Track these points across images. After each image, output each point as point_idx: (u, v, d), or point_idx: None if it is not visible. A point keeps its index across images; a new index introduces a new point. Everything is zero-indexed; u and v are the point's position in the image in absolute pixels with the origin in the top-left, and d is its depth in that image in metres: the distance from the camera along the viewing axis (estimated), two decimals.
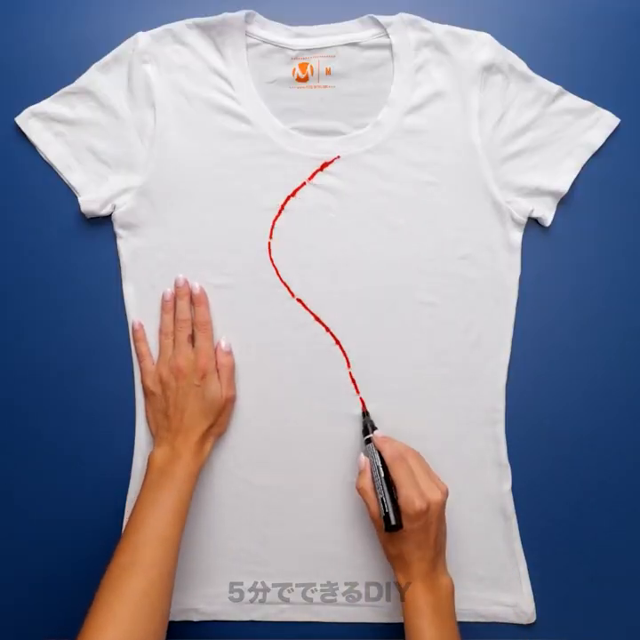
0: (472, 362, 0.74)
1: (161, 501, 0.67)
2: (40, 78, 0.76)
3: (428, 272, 0.74)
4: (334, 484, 0.74)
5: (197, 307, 0.74)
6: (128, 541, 0.65)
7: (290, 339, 0.75)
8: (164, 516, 0.66)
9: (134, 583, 0.62)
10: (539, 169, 0.75)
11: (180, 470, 0.69)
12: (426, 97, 0.74)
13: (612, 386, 0.76)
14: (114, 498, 0.75)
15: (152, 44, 0.74)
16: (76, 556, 0.75)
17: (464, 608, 0.74)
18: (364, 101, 0.75)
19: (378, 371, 0.74)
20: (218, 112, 0.74)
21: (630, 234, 0.77)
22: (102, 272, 0.76)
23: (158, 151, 0.74)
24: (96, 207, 0.74)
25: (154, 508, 0.66)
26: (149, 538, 0.65)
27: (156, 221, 0.75)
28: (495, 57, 0.74)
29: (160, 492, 0.67)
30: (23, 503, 0.76)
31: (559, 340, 0.76)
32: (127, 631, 0.60)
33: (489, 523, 0.74)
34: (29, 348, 0.76)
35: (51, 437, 0.76)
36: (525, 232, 0.75)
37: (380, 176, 0.74)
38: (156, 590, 0.63)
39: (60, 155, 0.75)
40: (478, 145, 0.74)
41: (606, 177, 0.76)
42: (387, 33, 0.74)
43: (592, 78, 0.76)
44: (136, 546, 0.64)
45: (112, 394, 0.75)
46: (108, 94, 0.75)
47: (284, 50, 0.75)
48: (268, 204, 0.75)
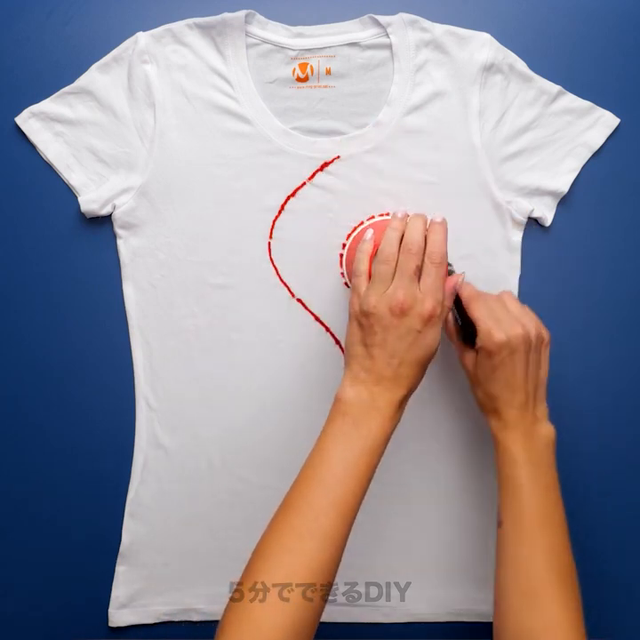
0: None
1: (350, 458, 0.58)
2: (40, 78, 0.75)
3: None
4: None
5: (433, 235, 0.63)
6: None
7: (290, 339, 0.75)
8: (351, 477, 0.57)
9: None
10: (539, 169, 0.75)
11: (376, 428, 0.59)
12: (426, 97, 0.74)
13: (613, 385, 0.76)
14: (114, 496, 0.75)
15: (152, 43, 0.74)
16: (76, 556, 0.75)
17: (464, 608, 0.74)
18: (364, 101, 0.75)
19: None
20: (218, 112, 0.74)
21: (630, 234, 0.77)
22: (102, 272, 0.76)
23: (158, 151, 0.74)
24: (96, 207, 0.74)
25: (341, 464, 0.57)
26: (325, 505, 0.57)
27: (155, 221, 0.75)
28: (495, 57, 0.74)
29: (349, 446, 0.58)
30: (23, 502, 0.76)
31: (559, 339, 0.76)
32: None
33: (489, 523, 0.74)
34: (29, 347, 0.76)
35: (51, 436, 0.76)
36: (525, 232, 0.75)
37: (380, 176, 0.74)
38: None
39: (60, 154, 0.75)
40: (478, 145, 0.74)
41: (606, 177, 0.76)
42: (387, 33, 0.74)
43: (592, 78, 0.76)
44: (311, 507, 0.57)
45: (112, 393, 0.75)
46: (107, 94, 0.74)
47: (283, 50, 0.75)
48: (268, 204, 0.75)
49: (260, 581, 0.55)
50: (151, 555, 0.74)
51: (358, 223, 0.74)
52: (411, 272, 0.61)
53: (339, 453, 0.58)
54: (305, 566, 0.56)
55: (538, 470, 0.62)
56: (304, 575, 0.56)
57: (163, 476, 0.75)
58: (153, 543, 0.75)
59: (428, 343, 0.62)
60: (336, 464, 0.58)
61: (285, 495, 0.59)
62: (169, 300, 0.75)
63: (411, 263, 0.61)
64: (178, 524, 0.75)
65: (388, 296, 0.61)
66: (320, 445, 0.60)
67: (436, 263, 0.62)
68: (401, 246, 0.63)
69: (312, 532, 0.57)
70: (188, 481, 0.75)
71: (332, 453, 0.58)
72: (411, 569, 0.75)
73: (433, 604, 0.75)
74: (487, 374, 0.64)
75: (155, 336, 0.75)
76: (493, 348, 0.63)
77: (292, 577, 0.55)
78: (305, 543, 0.56)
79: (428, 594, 0.75)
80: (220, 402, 0.75)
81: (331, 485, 0.57)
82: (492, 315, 0.64)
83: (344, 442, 0.59)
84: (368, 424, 0.59)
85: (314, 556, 0.56)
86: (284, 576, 0.55)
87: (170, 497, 0.75)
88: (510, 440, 0.63)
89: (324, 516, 0.57)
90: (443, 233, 0.63)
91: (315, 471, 0.59)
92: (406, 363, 0.61)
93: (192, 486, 0.75)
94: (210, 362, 0.75)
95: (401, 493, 0.75)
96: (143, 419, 0.75)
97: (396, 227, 0.64)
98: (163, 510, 0.75)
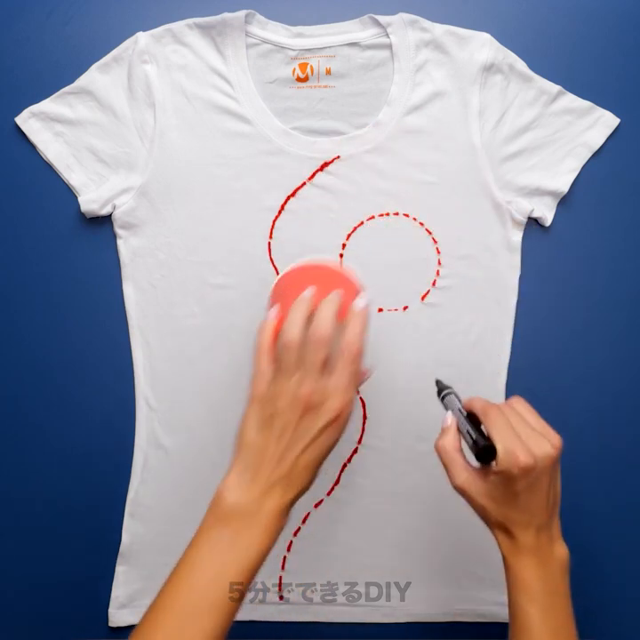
0: (472, 362, 0.74)
1: (222, 579, 0.52)
2: (40, 78, 0.76)
3: (428, 272, 0.74)
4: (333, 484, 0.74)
5: (351, 325, 0.57)
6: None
7: None
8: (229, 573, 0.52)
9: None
10: (539, 169, 0.75)
11: (257, 542, 0.54)
12: (426, 97, 0.74)
13: (613, 385, 0.76)
14: (114, 496, 0.75)
15: (152, 43, 0.74)
16: (76, 556, 0.75)
17: (464, 608, 0.74)
18: (364, 101, 0.75)
19: (378, 371, 0.74)
20: (218, 112, 0.74)
21: (630, 234, 0.77)
22: (102, 272, 0.76)
23: (158, 151, 0.74)
24: (96, 207, 0.74)
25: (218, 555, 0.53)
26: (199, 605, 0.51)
27: (155, 221, 0.75)
28: (495, 57, 0.74)
29: (224, 563, 0.53)
30: (23, 501, 0.76)
31: (559, 339, 0.76)
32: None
33: None
34: (29, 347, 0.76)
35: (51, 436, 0.76)
36: (525, 232, 0.75)
37: (380, 176, 0.74)
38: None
39: (60, 154, 0.75)
40: (478, 145, 0.74)
41: (606, 177, 0.76)
42: (386, 33, 0.74)
43: (592, 78, 0.76)
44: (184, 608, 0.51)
45: (112, 393, 0.75)
46: (107, 94, 0.75)
47: (283, 50, 0.75)
48: (268, 204, 0.75)
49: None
50: (151, 555, 0.74)
51: (358, 223, 0.74)
52: (318, 364, 0.55)
53: (211, 571, 0.52)
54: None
55: (552, 603, 0.55)
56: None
57: (163, 476, 0.75)
58: (153, 543, 0.74)
59: (329, 445, 0.56)
60: (206, 587, 0.52)
61: (154, 599, 0.54)
62: (169, 300, 0.75)
63: (318, 354, 0.55)
64: (178, 524, 0.74)
65: (293, 388, 0.55)
66: (192, 554, 0.54)
67: (350, 359, 0.56)
68: (309, 332, 0.56)
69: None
70: (188, 481, 0.75)
71: (204, 568, 0.53)
72: (411, 569, 0.75)
73: (433, 604, 0.75)
74: (505, 499, 0.55)
75: (155, 336, 0.75)
76: (518, 473, 0.53)
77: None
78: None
79: (428, 594, 0.75)
80: (220, 402, 0.75)
81: (197, 612, 0.52)
82: (513, 431, 0.55)
83: (219, 556, 0.53)
84: (249, 537, 0.54)
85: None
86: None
87: (170, 497, 0.75)
88: (523, 566, 0.56)
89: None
90: (361, 324, 0.57)
91: (181, 589, 0.53)
92: (300, 464, 0.55)
93: (192, 486, 0.75)
94: (210, 362, 0.75)
95: (401, 493, 0.75)
96: (143, 419, 0.75)
97: (303, 308, 0.58)
98: (163, 510, 0.75)
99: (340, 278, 0.63)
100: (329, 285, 0.61)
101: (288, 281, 0.64)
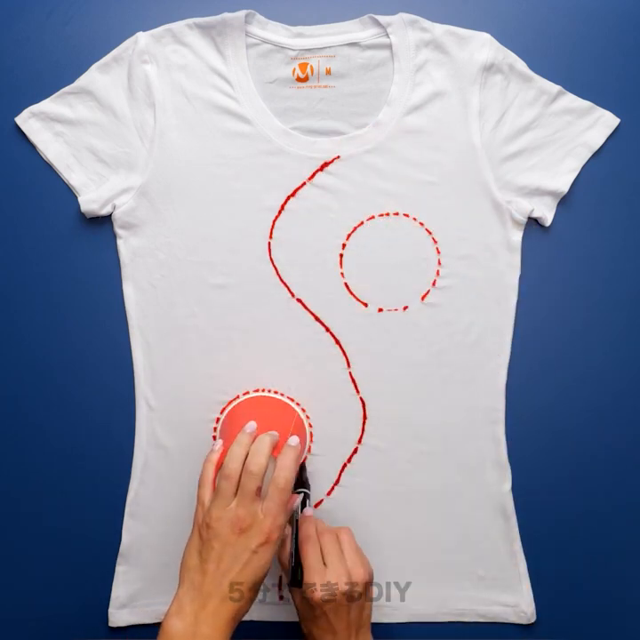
0: (472, 362, 0.74)
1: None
2: (40, 78, 0.76)
3: (428, 272, 0.74)
4: (333, 484, 0.74)
5: (282, 458, 0.64)
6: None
7: (290, 339, 0.75)
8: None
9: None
10: (539, 169, 0.75)
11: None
12: (426, 97, 0.74)
13: (613, 385, 0.76)
14: (114, 496, 0.75)
15: (152, 43, 0.74)
16: (76, 556, 0.75)
17: (464, 608, 0.74)
18: (364, 101, 0.75)
19: (378, 371, 0.74)
20: (218, 112, 0.74)
21: (630, 234, 0.77)
22: (102, 272, 0.76)
23: (158, 151, 0.74)
24: (96, 207, 0.74)
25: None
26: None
27: (155, 221, 0.75)
28: (495, 57, 0.74)
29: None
30: (23, 501, 0.76)
31: (559, 340, 0.76)
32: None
33: (489, 523, 0.74)
34: (29, 347, 0.76)
35: (51, 436, 0.76)
36: (525, 232, 0.75)
37: (380, 176, 0.74)
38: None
39: (60, 154, 0.75)
40: (478, 145, 0.74)
41: (606, 177, 0.76)
42: (386, 33, 0.74)
43: (592, 78, 0.76)
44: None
45: (112, 393, 0.75)
46: (107, 94, 0.75)
47: (283, 50, 0.75)
48: (268, 204, 0.75)
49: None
50: (151, 555, 0.74)
51: (358, 223, 0.74)
52: (252, 493, 0.62)
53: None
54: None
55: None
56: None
57: (163, 476, 0.75)
58: (153, 543, 0.75)
59: (262, 565, 0.62)
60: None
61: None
62: (169, 300, 0.75)
63: (251, 484, 0.62)
64: (178, 524, 0.74)
65: (229, 512, 0.62)
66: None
67: (279, 488, 0.62)
68: (244, 465, 0.63)
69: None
70: (188, 481, 0.75)
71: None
72: (411, 569, 0.75)
73: (433, 604, 0.75)
74: (310, 617, 0.64)
75: (155, 336, 0.75)
76: (314, 604, 0.63)
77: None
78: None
79: (428, 594, 0.75)
80: (219, 402, 0.75)
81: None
82: (320, 564, 0.64)
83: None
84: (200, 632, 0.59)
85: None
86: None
87: (170, 497, 0.75)
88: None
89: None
90: (292, 458, 0.64)
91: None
92: (237, 583, 0.61)
93: (192, 486, 0.74)
94: (210, 362, 0.75)
95: (401, 493, 0.75)
96: (143, 419, 0.75)
97: (242, 442, 0.65)
98: (163, 510, 0.75)
99: (284, 409, 0.72)
100: (273, 417, 0.71)
101: (236, 413, 0.72)
